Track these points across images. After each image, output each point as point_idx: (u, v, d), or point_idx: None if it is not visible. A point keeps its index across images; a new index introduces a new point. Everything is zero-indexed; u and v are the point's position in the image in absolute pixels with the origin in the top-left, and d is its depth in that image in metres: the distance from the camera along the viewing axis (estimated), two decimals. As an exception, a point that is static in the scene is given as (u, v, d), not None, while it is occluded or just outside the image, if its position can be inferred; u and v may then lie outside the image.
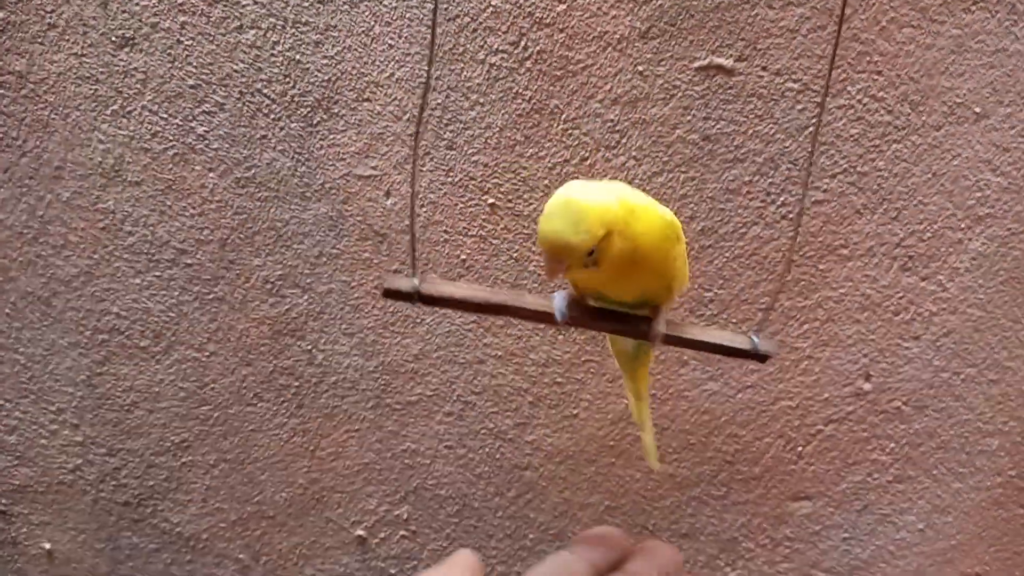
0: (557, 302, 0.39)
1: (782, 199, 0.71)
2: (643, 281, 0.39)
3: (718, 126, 0.69)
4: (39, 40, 0.68)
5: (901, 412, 0.80)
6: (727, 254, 0.73)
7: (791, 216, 0.72)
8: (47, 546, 0.86)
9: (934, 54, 0.67)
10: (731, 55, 0.67)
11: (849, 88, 0.68)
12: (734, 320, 0.75)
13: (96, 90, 0.70)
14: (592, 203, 0.34)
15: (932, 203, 0.72)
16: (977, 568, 0.86)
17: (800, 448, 0.81)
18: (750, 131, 0.69)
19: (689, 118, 0.69)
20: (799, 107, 0.68)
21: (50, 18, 0.67)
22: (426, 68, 0.68)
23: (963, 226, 0.73)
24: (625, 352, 0.47)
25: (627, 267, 0.37)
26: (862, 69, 0.68)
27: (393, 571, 0.88)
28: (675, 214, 0.72)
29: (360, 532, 0.86)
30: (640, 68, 0.68)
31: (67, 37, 0.68)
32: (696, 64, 0.68)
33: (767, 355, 0.41)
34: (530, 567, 0.28)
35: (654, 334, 0.40)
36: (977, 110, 0.69)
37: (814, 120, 0.69)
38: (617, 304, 0.41)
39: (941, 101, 0.69)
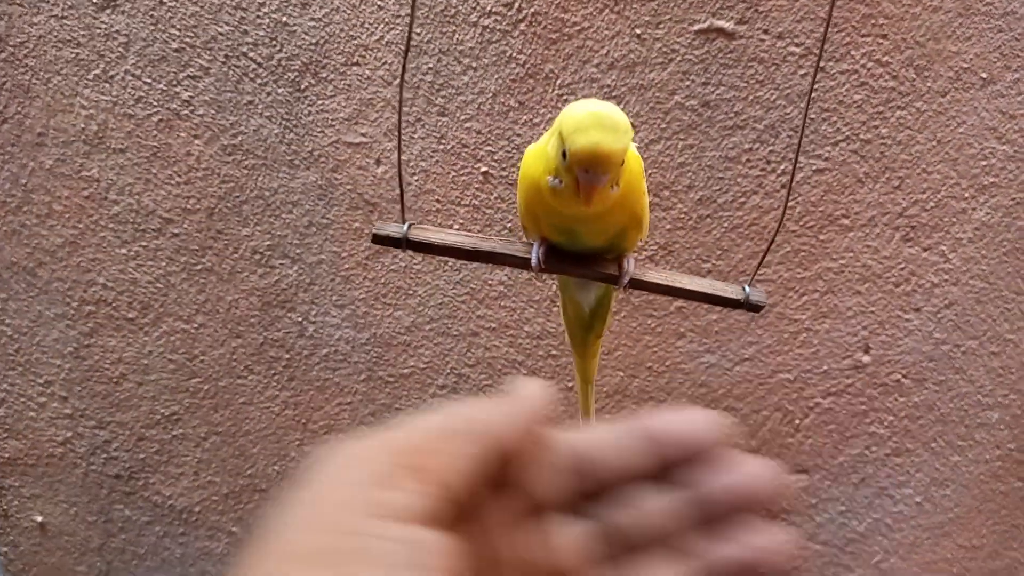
0: (533, 250, 0.40)
1: (783, 167, 0.70)
2: (621, 217, 0.38)
3: (718, 92, 0.67)
4: (17, 1, 0.66)
5: (900, 385, 0.79)
6: (725, 224, 0.72)
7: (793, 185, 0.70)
8: (39, 519, 0.86)
9: (941, 17, 0.65)
10: (732, 18, 0.65)
11: (853, 52, 0.66)
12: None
13: (78, 54, 0.68)
14: (619, 113, 0.34)
15: (936, 172, 0.70)
16: (975, 541, 0.85)
17: (798, 421, 0.80)
18: (750, 97, 0.67)
19: (688, 83, 0.67)
20: (801, 72, 0.66)
21: (28, -22, 0.65)
22: (417, 31, 0.66)
23: (967, 195, 0.71)
24: (580, 318, 0.46)
25: (615, 198, 0.36)
26: (866, 32, 0.65)
27: (387, 544, 0.87)
28: (672, 183, 0.70)
29: (353, 505, 0.85)
30: (638, 31, 0.66)
31: (45, -2, 0.66)
32: (696, 27, 0.66)
33: (759, 305, 0.41)
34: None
35: (624, 272, 0.40)
36: (984, 75, 0.67)
37: (816, 86, 0.67)
38: (588, 251, 0.41)
39: (947, 66, 0.67)
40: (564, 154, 0.34)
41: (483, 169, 0.71)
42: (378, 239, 0.40)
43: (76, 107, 0.69)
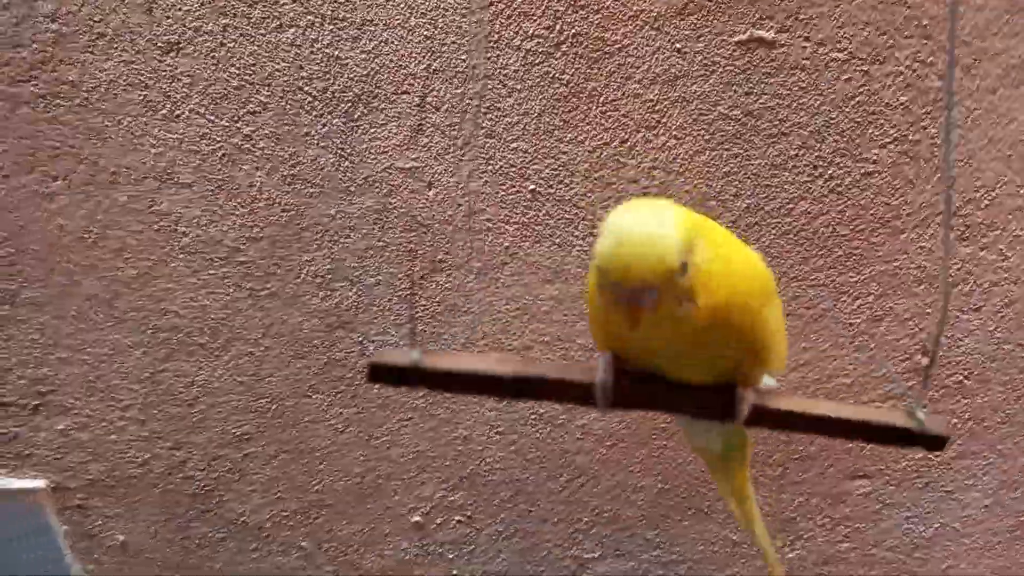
0: (600, 373, 0.30)
1: (830, 172, 0.70)
2: (723, 345, 0.29)
3: (761, 100, 0.68)
4: (90, 49, 0.70)
5: (963, 386, 0.77)
6: (774, 231, 0.72)
7: (839, 189, 0.70)
8: (121, 538, 0.90)
9: (986, 15, 0.65)
10: (772, 27, 0.66)
11: (896, 54, 0.66)
12: (784, 296, 0.74)
13: (146, 96, 0.72)
14: (668, 209, 0.28)
15: (989, 170, 0.69)
16: (1049, 545, 0.83)
17: (857, 426, 0.79)
18: (794, 104, 0.68)
19: (730, 94, 0.68)
20: (844, 77, 0.67)
21: (99, 27, 0.70)
22: (462, 57, 0.69)
23: (1023, 192, 0.70)
24: (710, 451, 0.36)
25: (705, 325, 0.28)
26: (910, 34, 0.65)
27: (451, 556, 0.89)
28: (719, 192, 0.71)
29: (417, 518, 0.87)
30: (678, 45, 0.67)
31: (115, 45, 0.70)
32: (736, 38, 0.67)
33: (940, 437, 0.29)
34: None
35: (739, 409, 0.29)
36: (1035, 70, 0.66)
37: (861, 89, 0.67)
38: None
39: (995, 63, 0.66)
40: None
41: (531, 187, 0.72)
42: (377, 373, 0.32)
43: (146, 146, 0.73)
